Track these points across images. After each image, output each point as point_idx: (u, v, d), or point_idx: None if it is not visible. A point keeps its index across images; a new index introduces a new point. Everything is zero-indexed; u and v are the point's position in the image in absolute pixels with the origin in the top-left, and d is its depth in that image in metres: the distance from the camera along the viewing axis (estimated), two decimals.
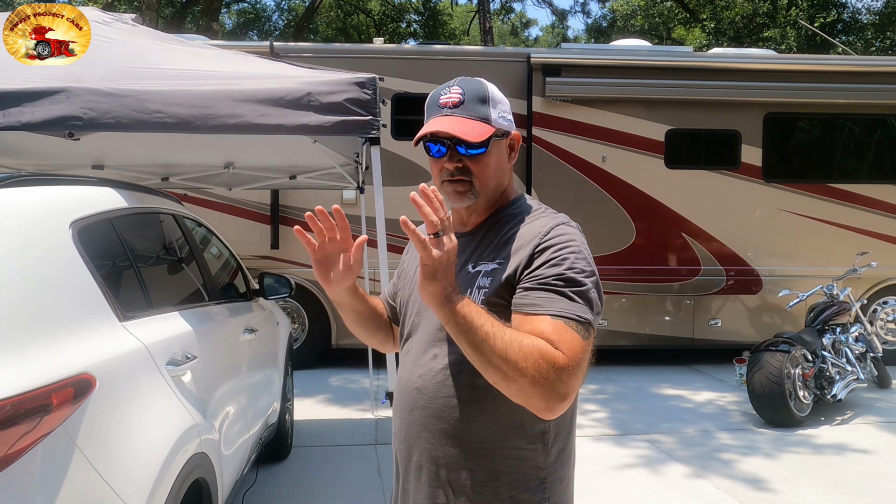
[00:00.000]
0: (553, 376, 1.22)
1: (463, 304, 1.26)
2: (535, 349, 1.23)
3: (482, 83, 1.48)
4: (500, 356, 1.23)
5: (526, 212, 1.49)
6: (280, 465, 4.43)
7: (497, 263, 1.41)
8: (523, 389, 1.24)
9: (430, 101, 1.49)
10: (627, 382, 6.72)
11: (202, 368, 2.56)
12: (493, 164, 1.46)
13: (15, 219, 1.86)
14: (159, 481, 1.92)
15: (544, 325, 1.28)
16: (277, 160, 5.03)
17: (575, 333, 1.27)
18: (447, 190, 1.46)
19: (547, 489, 1.41)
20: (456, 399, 1.41)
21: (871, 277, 7.27)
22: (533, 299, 1.32)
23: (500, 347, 1.23)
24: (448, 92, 1.45)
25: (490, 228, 1.49)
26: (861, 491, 4.13)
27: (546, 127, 7.13)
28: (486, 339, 1.23)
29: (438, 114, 1.45)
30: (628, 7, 25.58)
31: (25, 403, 1.52)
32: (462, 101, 1.43)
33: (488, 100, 1.45)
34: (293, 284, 4.19)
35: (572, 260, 1.35)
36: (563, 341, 1.25)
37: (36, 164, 4.70)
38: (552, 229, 1.40)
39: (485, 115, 1.43)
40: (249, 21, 26.83)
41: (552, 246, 1.37)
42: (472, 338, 1.25)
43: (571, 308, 1.30)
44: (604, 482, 4.25)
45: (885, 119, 7.57)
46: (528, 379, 1.22)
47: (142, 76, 3.07)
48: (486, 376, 1.28)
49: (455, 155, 1.43)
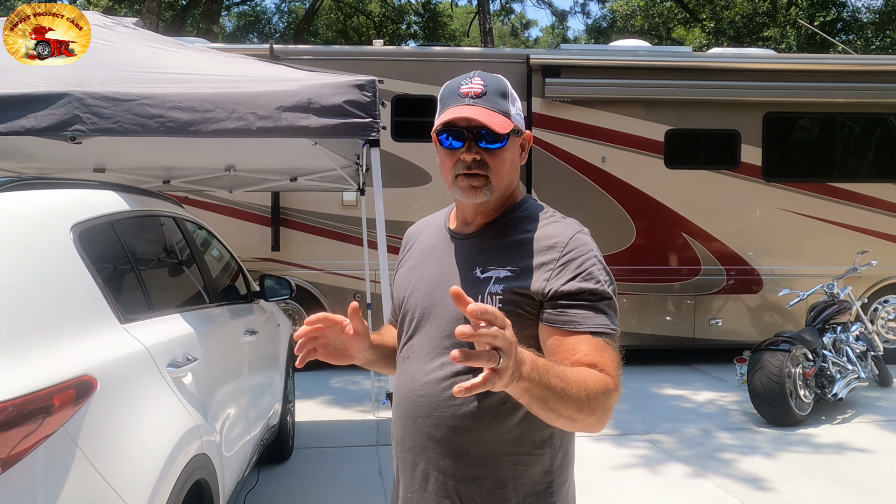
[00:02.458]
0: (610, 402, 1.26)
1: (533, 369, 1.13)
2: (597, 386, 1.24)
3: (502, 78, 1.45)
4: (576, 409, 1.21)
5: (534, 215, 1.45)
6: (281, 467, 4.45)
7: (509, 271, 1.38)
8: (586, 426, 1.26)
9: (447, 91, 1.43)
10: (628, 382, 6.72)
11: (203, 370, 2.58)
12: (509, 161, 1.43)
13: (16, 222, 1.87)
14: (160, 482, 1.93)
15: (586, 345, 1.30)
16: (278, 162, 5.04)
17: (612, 351, 1.32)
18: (461, 184, 1.41)
19: (553, 493, 1.41)
20: (463, 408, 1.38)
21: (871, 276, 7.27)
22: (570, 316, 1.33)
23: (573, 403, 1.20)
24: (470, 82, 1.40)
25: (498, 231, 1.45)
26: (862, 490, 4.13)
27: (546, 128, 7.14)
28: (560, 397, 1.18)
29: (459, 102, 1.38)
30: (628, 7, 25.57)
31: (27, 405, 1.53)
32: (485, 91, 1.39)
33: (508, 95, 1.42)
34: (294, 286, 4.20)
35: (597, 272, 1.36)
36: (605, 362, 1.29)
37: (38, 168, 4.72)
38: (570, 240, 1.38)
39: (506, 110, 1.40)
40: (249, 24, 26.86)
41: (576, 259, 1.36)
42: (545, 404, 1.18)
43: (606, 322, 1.34)
44: (604, 482, 4.26)
45: (885, 118, 7.57)
46: (595, 417, 1.25)
47: (143, 80, 3.09)
48: (546, 421, 1.25)
49: (474, 146, 1.38)
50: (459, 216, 1.52)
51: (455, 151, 1.40)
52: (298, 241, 7.10)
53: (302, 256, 7.07)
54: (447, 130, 1.40)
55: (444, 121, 1.39)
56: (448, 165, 1.43)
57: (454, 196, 1.46)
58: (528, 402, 1.17)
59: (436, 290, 1.46)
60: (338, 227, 7.11)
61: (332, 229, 7.11)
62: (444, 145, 1.42)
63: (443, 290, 1.43)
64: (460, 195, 1.43)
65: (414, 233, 1.67)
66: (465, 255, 1.46)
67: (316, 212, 7.09)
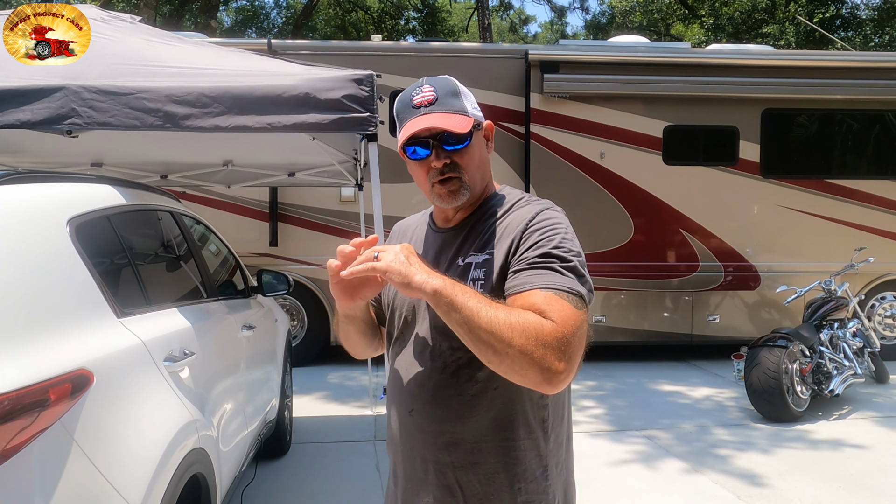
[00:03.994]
0: (544, 343, 1.20)
1: (445, 286, 1.24)
2: (522, 318, 1.22)
3: (449, 78, 1.48)
4: (486, 329, 1.21)
5: (510, 201, 1.49)
6: (279, 462, 4.45)
7: (487, 254, 1.41)
8: (516, 361, 1.21)
9: (401, 105, 1.47)
10: (625, 378, 6.74)
11: (200, 365, 2.57)
12: (478, 157, 1.47)
13: (12, 216, 1.86)
14: (157, 476, 1.93)
15: (534, 298, 1.27)
16: (276, 157, 5.03)
17: (566, 302, 1.26)
18: (439, 192, 1.44)
19: (549, 476, 1.44)
20: (456, 398, 1.41)
21: (868, 273, 7.28)
22: (523, 279, 1.32)
23: (485, 321, 1.21)
24: (420, 91, 1.44)
25: (476, 221, 1.49)
26: (858, 485, 4.14)
27: (544, 123, 7.13)
28: (472, 315, 1.22)
29: (415, 114, 1.42)
30: (627, 3, 25.54)
31: (23, 399, 1.52)
32: (436, 97, 1.42)
33: (459, 93, 1.46)
34: (292, 281, 4.20)
35: (559, 240, 1.35)
36: (552, 310, 1.24)
37: (35, 162, 4.70)
38: (537, 214, 1.41)
39: (461, 108, 1.43)
40: (248, 18, 26.80)
41: (539, 229, 1.38)
42: (458, 315, 1.23)
43: (562, 281, 1.29)
44: (601, 478, 4.27)
45: (884, 115, 7.57)
46: (517, 349, 1.19)
47: (140, 74, 3.08)
48: (477, 355, 1.26)
49: (441, 152, 1.42)
50: (440, 214, 1.56)
51: (425, 161, 1.44)
52: (296, 237, 7.09)
53: (300, 252, 7.06)
54: (412, 143, 1.43)
55: (407, 136, 1.42)
56: (422, 176, 1.47)
57: (435, 204, 1.50)
58: (444, 314, 1.25)
59: None
60: (336, 222, 7.10)
61: (330, 224, 7.10)
62: (413, 158, 1.45)
63: None
64: (440, 202, 1.47)
65: (403, 228, 1.70)
66: (449, 248, 1.50)
67: (314, 207, 7.09)
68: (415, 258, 1.29)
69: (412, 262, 1.27)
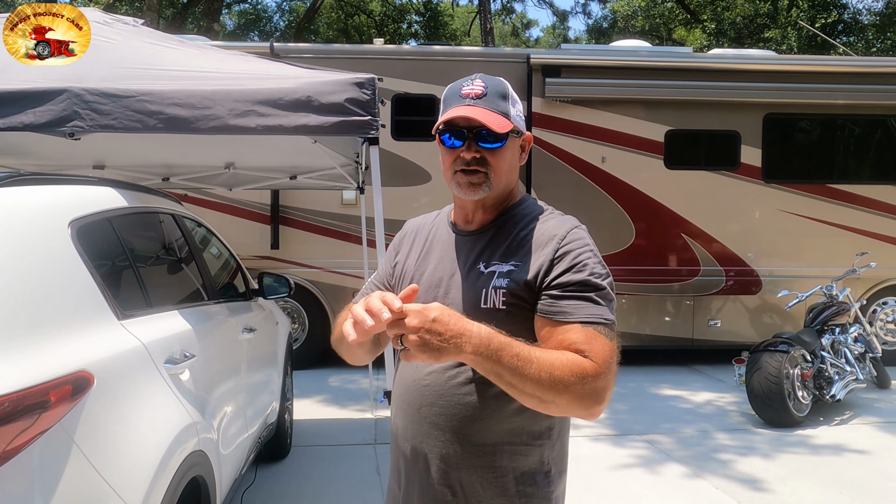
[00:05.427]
0: (588, 387, 1.27)
1: (481, 345, 1.22)
2: (566, 372, 1.25)
3: (503, 81, 1.50)
4: (532, 389, 1.25)
5: (535, 213, 1.51)
6: (279, 465, 4.44)
7: (513, 265, 1.43)
8: (562, 408, 1.29)
9: (449, 92, 1.49)
10: (626, 383, 6.72)
11: (200, 367, 2.57)
12: (508, 160, 1.48)
13: (14, 218, 1.87)
14: (157, 479, 1.93)
15: (575, 334, 1.32)
16: (278, 160, 5.04)
17: (604, 339, 1.33)
18: (460, 181, 1.46)
19: (551, 482, 1.45)
20: (467, 397, 1.42)
21: (870, 278, 7.26)
22: (561, 307, 1.36)
23: (531, 383, 1.24)
24: (471, 84, 1.47)
25: (500, 228, 1.50)
26: (859, 491, 4.13)
27: (546, 127, 7.14)
28: (517, 379, 1.24)
29: (461, 103, 1.44)
30: (629, 8, 25.57)
31: (23, 400, 1.53)
32: (485, 93, 1.45)
33: (508, 97, 1.48)
34: (292, 284, 4.20)
35: (592, 264, 1.39)
36: (593, 350, 1.30)
37: (37, 165, 4.71)
38: (567, 234, 1.43)
39: (506, 111, 1.46)
40: (250, 22, 26.85)
41: (571, 251, 1.40)
42: (503, 381, 1.26)
43: (598, 312, 1.35)
44: (602, 482, 4.26)
45: (885, 120, 7.57)
46: (563, 402, 1.27)
47: (142, 77, 3.09)
48: (523, 403, 1.30)
49: (473, 145, 1.44)
50: (460, 213, 1.56)
51: (456, 150, 1.45)
52: (298, 240, 7.10)
53: (301, 255, 7.07)
54: (448, 130, 1.45)
55: (445, 119, 1.44)
56: (448, 161, 1.48)
57: (453, 191, 1.50)
58: (485, 375, 1.27)
59: (440, 285, 1.50)
60: (337, 225, 7.10)
61: (332, 228, 7.11)
62: (445, 144, 1.47)
63: (447, 284, 1.49)
64: (459, 191, 1.47)
65: (417, 227, 1.69)
66: (469, 251, 1.50)
67: (315, 210, 7.09)
68: (443, 320, 1.21)
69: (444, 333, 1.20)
